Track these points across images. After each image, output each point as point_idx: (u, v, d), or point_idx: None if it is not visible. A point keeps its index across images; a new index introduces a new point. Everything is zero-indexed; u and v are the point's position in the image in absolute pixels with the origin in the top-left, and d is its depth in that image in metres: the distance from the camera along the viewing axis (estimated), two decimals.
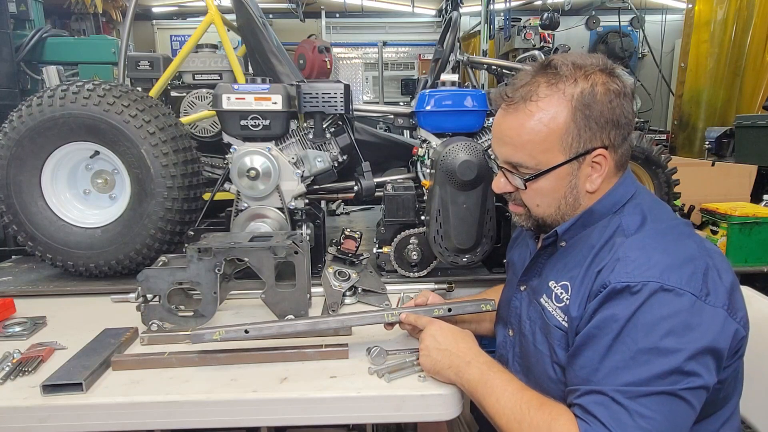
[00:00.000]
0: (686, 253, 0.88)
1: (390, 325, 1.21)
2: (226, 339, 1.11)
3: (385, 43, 8.24)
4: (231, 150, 1.59)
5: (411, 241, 1.62)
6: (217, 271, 1.28)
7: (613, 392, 0.81)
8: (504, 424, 0.90)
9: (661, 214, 0.98)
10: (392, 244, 1.63)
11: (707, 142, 3.98)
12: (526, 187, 1.00)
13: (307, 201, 1.71)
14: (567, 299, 0.97)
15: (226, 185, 1.65)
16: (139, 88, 1.77)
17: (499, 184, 1.06)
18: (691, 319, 0.81)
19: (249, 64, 2.37)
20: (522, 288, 1.14)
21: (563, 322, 0.97)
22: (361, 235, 1.58)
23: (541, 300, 1.04)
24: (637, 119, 2.15)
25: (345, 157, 1.76)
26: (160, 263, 1.43)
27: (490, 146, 1.23)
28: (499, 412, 0.91)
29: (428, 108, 1.65)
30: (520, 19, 6.37)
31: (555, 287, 1.01)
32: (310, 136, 1.69)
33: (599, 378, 0.84)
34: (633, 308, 0.83)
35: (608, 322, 0.85)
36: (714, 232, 2.01)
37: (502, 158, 1.02)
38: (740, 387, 0.99)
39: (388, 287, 1.56)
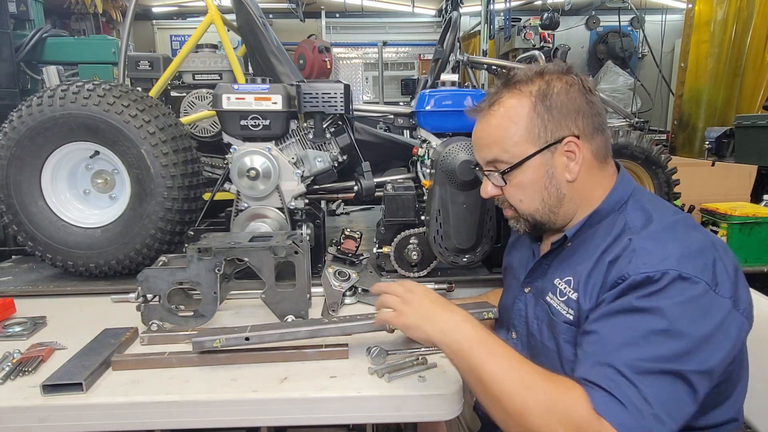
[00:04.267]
0: (697, 244, 0.90)
1: (391, 330, 1.21)
2: (226, 346, 1.11)
3: (385, 43, 8.24)
4: (231, 150, 1.59)
5: (411, 241, 1.62)
6: (217, 271, 1.28)
7: (622, 366, 0.82)
8: (506, 390, 0.84)
9: (664, 209, 1.01)
10: (392, 244, 1.63)
11: (707, 142, 3.98)
12: (505, 182, 1.06)
13: (307, 201, 1.70)
14: (572, 292, 0.99)
15: (226, 185, 1.65)
16: (139, 88, 1.77)
17: (486, 189, 1.12)
18: (704, 306, 0.84)
19: (249, 64, 2.37)
20: (526, 290, 1.15)
21: (569, 316, 0.98)
22: (361, 235, 1.58)
23: (547, 298, 1.06)
24: (637, 119, 2.15)
25: (345, 157, 1.76)
26: (160, 263, 1.43)
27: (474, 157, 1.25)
28: (499, 377, 0.85)
29: (428, 108, 1.65)
30: (520, 19, 6.37)
31: (560, 283, 1.03)
32: (310, 136, 1.69)
33: (608, 352, 0.85)
34: (649, 293, 0.85)
35: (625, 306, 0.87)
36: (714, 232, 2.01)
37: (483, 161, 1.11)
38: (745, 383, 1.00)
39: None
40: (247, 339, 1.11)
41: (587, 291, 0.96)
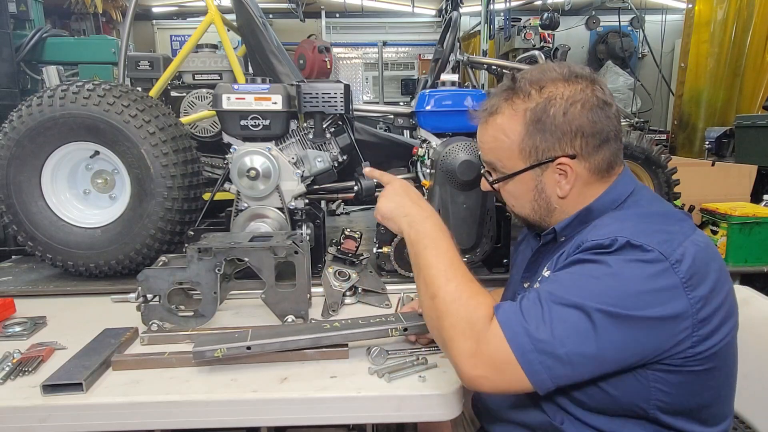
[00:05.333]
0: (662, 227, 0.89)
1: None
2: (228, 356, 1.10)
3: (385, 43, 8.24)
4: (231, 150, 1.59)
5: None
6: (217, 271, 1.28)
7: (540, 290, 0.86)
8: (433, 274, 0.93)
9: (658, 205, 1.01)
10: (392, 244, 1.63)
11: (707, 142, 3.98)
12: (494, 188, 1.10)
13: (307, 201, 1.70)
14: (547, 273, 1.00)
15: (226, 185, 1.65)
16: (139, 88, 1.77)
17: (484, 183, 1.15)
18: (651, 270, 0.82)
19: (249, 64, 2.37)
20: (525, 285, 1.15)
21: None
22: (361, 235, 1.58)
23: (535, 286, 1.05)
24: (637, 119, 2.15)
25: (345, 157, 1.76)
26: (160, 263, 1.43)
27: None
28: (431, 264, 0.95)
29: (428, 108, 1.65)
30: (520, 19, 6.37)
31: (546, 272, 1.03)
32: (310, 136, 1.69)
33: (541, 287, 0.88)
34: (599, 253, 0.86)
35: (572, 261, 0.89)
36: (714, 232, 2.01)
37: (483, 159, 1.13)
38: (731, 406, 0.96)
39: (388, 287, 1.56)
40: (248, 348, 1.10)
41: (557, 268, 0.96)
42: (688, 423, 0.90)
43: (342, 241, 1.56)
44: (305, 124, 1.72)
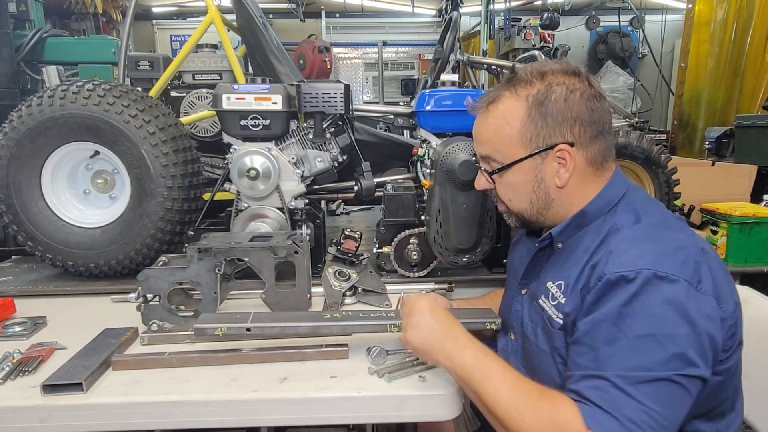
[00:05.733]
0: (676, 243, 0.89)
1: None
2: (228, 335, 1.11)
3: (385, 43, 8.24)
4: (231, 150, 1.59)
5: (411, 241, 1.62)
6: (217, 271, 1.28)
7: (614, 377, 0.81)
8: (502, 413, 0.88)
9: (654, 211, 1.00)
10: (392, 244, 1.63)
11: (707, 142, 3.98)
12: (493, 181, 1.08)
13: (307, 201, 1.70)
14: (561, 297, 0.98)
15: (226, 185, 1.65)
16: (139, 88, 1.77)
17: (479, 181, 1.14)
18: (686, 305, 0.82)
19: (249, 64, 2.37)
20: (523, 291, 1.14)
21: (559, 321, 0.98)
22: (361, 235, 1.58)
23: (540, 301, 1.05)
24: (637, 119, 2.15)
25: (345, 157, 1.76)
26: (160, 263, 1.43)
27: None
28: (497, 400, 0.89)
29: (428, 108, 1.65)
30: (520, 19, 6.36)
31: (551, 287, 1.02)
32: (310, 136, 1.69)
33: (598, 364, 0.84)
34: (629, 296, 0.84)
35: (606, 313, 0.86)
36: (714, 232, 2.01)
37: (479, 155, 1.12)
38: (741, 399, 0.99)
39: (388, 287, 1.56)
40: (248, 330, 1.11)
41: (573, 296, 0.95)
42: (701, 423, 0.93)
43: (342, 241, 1.56)
44: (305, 124, 1.72)
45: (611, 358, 0.83)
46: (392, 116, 1.86)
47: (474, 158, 1.44)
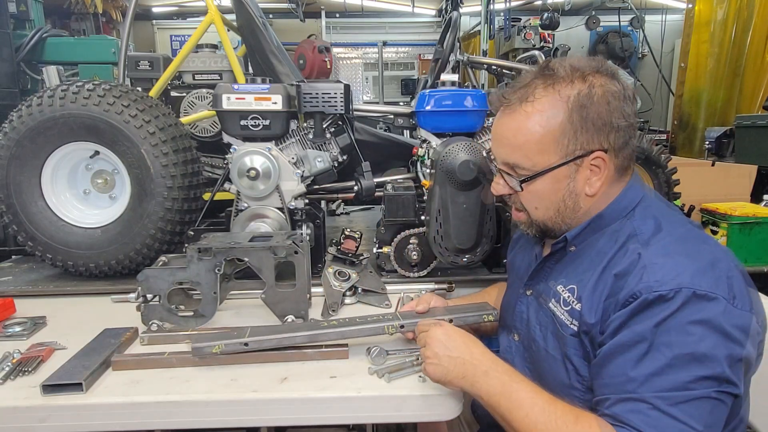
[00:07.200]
0: (709, 257, 0.87)
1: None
2: (225, 352, 1.11)
3: (385, 43, 8.25)
4: (231, 150, 1.59)
5: (411, 241, 1.62)
6: (217, 271, 1.28)
7: (653, 399, 0.79)
8: None
9: (674, 219, 0.97)
10: (392, 244, 1.63)
11: (707, 142, 3.99)
12: (522, 189, 1.00)
13: (307, 201, 1.70)
14: (575, 302, 0.95)
15: (226, 185, 1.65)
16: (139, 88, 1.77)
17: (498, 186, 1.06)
18: (725, 323, 0.80)
19: (249, 64, 2.37)
20: (528, 293, 1.12)
21: (573, 327, 0.95)
22: (361, 235, 1.58)
23: (551, 305, 1.02)
24: (637, 119, 2.15)
25: (345, 157, 1.76)
26: (160, 263, 1.43)
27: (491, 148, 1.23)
28: (530, 427, 0.86)
29: (428, 108, 1.65)
30: (520, 19, 6.37)
31: (563, 291, 0.99)
32: (310, 136, 1.69)
33: (635, 386, 0.82)
34: (666, 315, 0.82)
35: (641, 332, 0.83)
36: (714, 232, 2.01)
37: (500, 160, 1.02)
38: (747, 403, 0.98)
39: (388, 287, 1.56)
40: (245, 345, 1.11)
41: (592, 304, 0.92)
42: None
43: (342, 241, 1.56)
44: (305, 124, 1.72)
45: (648, 379, 0.81)
46: (392, 116, 1.86)
47: (477, 159, 1.44)
